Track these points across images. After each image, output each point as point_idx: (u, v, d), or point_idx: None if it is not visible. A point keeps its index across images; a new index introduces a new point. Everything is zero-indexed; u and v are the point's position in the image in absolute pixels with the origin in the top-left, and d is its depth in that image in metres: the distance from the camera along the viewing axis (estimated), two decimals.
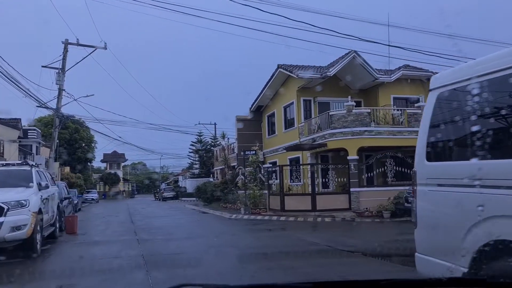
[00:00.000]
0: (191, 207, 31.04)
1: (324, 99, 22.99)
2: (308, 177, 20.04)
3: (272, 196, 20.40)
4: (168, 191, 50.26)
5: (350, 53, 21.09)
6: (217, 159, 30.29)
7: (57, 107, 32.23)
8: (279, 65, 23.27)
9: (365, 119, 18.92)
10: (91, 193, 51.06)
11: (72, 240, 12.20)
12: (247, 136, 27.85)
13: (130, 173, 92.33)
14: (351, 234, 13.04)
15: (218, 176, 33.59)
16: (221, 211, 23.37)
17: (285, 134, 24.51)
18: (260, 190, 21.16)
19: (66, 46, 32.61)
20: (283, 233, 13.24)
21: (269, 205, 20.56)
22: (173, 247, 9.89)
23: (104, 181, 66.90)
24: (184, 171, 59.89)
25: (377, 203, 17.94)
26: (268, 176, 20.79)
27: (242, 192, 23.67)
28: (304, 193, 19.46)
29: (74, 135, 54.14)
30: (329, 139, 19.44)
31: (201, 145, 48.39)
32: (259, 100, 27.16)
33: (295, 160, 23.31)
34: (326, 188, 20.41)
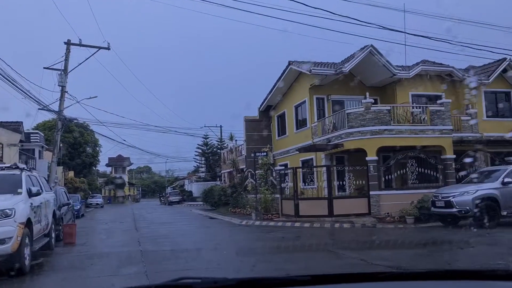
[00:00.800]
0: (198, 212, 29.75)
1: (338, 97, 21.65)
2: (323, 180, 18.70)
3: (285, 200, 19.07)
4: (174, 195, 49.00)
5: (366, 47, 19.76)
6: (225, 161, 29.01)
7: (60, 109, 31.09)
8: (290, 61, 21.98)
9: (385, 117, 17.56)
10: (95, 197, 49.88)
11: (69, 252, 10.93)
12: (256, 138, 26.57)
13: (136, 177, 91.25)
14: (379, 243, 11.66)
15: (226, 180, 32.28)
16: (230, 216, 22.06)
17: (297, 134, 23.18)
18: (271, 194, 19.84)
19: (68, 47, 31.49)
20: (304, 244, 11.89)
21: (282, 210, 19.22)
22: (182, 261, 8.58)
23: (109, 186, 65.75)
24: (190, 174, 58.64)
25: (399, 208, 16.56)
26: (280, 179, 19.47)
27: (252, 196, 22.35)
28: (320, 197, 18.10)
29: (79, 139, 53.01)
30: (345, 139, 18.09)
31: (207, 148, 47.13)
32: (269, 100, 25.85)
33: (308, 162, 21.96)
34: (342, 192, 19.06)
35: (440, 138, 17.75)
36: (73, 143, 51.87)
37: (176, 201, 47.54)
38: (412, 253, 9.89)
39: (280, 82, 23.52)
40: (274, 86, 24.40)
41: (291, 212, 18.22)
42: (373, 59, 19.93)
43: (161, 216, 26.40)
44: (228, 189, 26.26)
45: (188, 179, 56.29)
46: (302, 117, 22.74)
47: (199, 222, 21.15)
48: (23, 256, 7.97)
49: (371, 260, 8.59)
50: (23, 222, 8.06)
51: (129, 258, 9.31)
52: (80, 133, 53.39)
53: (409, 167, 17.72)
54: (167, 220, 22.48)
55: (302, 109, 22.71)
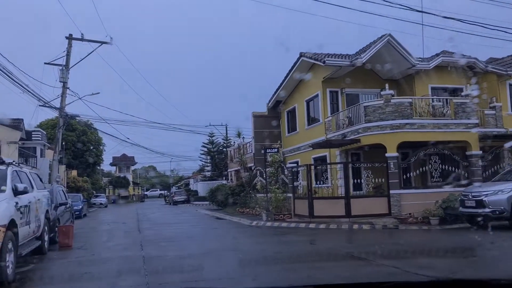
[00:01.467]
0: (204, 211, 28.56)
1: (353, 91, 20.39)
2: (338, 178, 17.46)
3: (298, 199, 17.83)
4: (179, 194, 47.83)
5: (383, 36, 18.49)
6: (232, 159, 27.80)
7: (61, 106, 30.03)
8: (302, 53, 20.73)
9: (406, 110, 16.28)
10: (99, 197, 48.91)
11: (63, 257, 9.75)
12: (264, 134, 25.32)
13: (140, 177, 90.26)
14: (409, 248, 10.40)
15: (233, 178, 31.07)
16: (239, 216, 20.85)
17: (308, 131, 21.92)
18: (283, 193, 18.59)
19: (70, 41, 30.45)
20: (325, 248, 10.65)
21: (294, 210, 17.98)
22: (189, 270, 7.36)
23: (114, 185, 64.74)
24: (195, 174, 57.49)
25: (421, 208, 15.28)
26: (292, 177, 18.22)
27: (262, 196, 21.13)
28: (336, 196, 16.85)
29: (82, 137, 52.00)
30: (363, 134, 16.83)
31: (213, 147, 45.95)
32: (278, 95, 24.61)
33: (320, 159, 20.70)
34: (358, 191, 17.79)
35: (465, 133, 16.44)
36: (76, 141, 50.88)
37: (181, 200, 46.39)
38: (451, 259, 8.64)
39: (291, 76, 22.27)
40: (284, 80, 23.15)
41: (304, 213, 16.98)
42: (390, 49, 18.66)
43: (166, 217, 25.23)
44: (235, 188, 25.06)
45: (193, 178, 55.13)
46: (314, 112, 21.49)
47: (206, 223, 19.95)
48: (4, 263, 6.79)
49: (407, 267, 7.34)
50: (4, 224, 6.88)
51: (129, 265, 8.12)
52: (83, 131, 52.39)
53: (431, 164, 16.44)
54: (172, 221, 21.30)
55: (314, 104, 21.46)
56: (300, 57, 20.86)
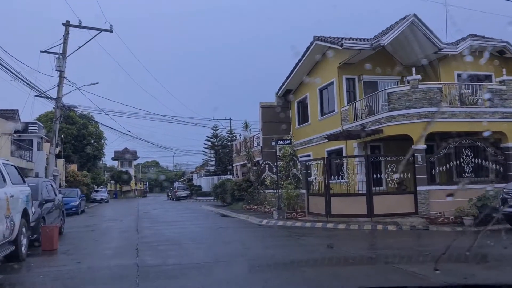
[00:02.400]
0: (208, 208, 26.93)
1: (371, 78, 18.63)
2: (357, 173, 15.75)
3: (313, 196, 16.13)
4: (182, 190, 46.26)
5: (407, 17, 16.71)
6: (238, 153, 26.08)
7: (58, 96, 28.39)
8: (316, 36, 18.97)
9: (435, 97, 14.53)
10: (100, 192, 47.36)
11: (41, 266, 8.11)
12: (273, 126, 23.62)
13: (143, 172, 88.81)
14: (452, 253, 8.70)
15: (239, 173, 29.40)
16: (246, 214, 19.19)
17: (322, 122, 20.19)
18: (295, 189, 16.90)
19: (67, 29, 28.76)
20: (350, 253, 8.96)
21: (308, 207, 16.29)
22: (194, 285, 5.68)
23: (115, 180, 63.26)
24: (198, 168, 55.85)
25: (452, 206, 13.54)
26: (306, 171, 16.51)
27: (271, 192, 19.46)
28: (356, 193, 15.15)
29: (82, 130, 50.45)
30: (386, 124, 15.10)
31: (217, 140, 44.26)
32: (288, 83, 22.87)
33: (335, 152, 18.98)
34: (378, 187, 16.06)
35: (501, 123, 14.68)
36: (76, 135, 49.33)
37: (184, 196, 44.84)
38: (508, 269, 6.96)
39: (303, 62, 20.53)
40: (295, 67, 21.41)
41: (320, 211, 15.29)
42: (415, 31, 16.89)
43: (167, 213, 23.61)
44: (242, 183, 23.39)
45: (197, 173, 53.50)
46: (329, 101, 19.74)
47: (211, 221, 18.30)
48: None
49: (460, 280, 5.64)
50: None
51: (118, 280, 6.46)
52: (83, 125, 50.83)
53: (464, 157, 14.68)
54: (174, 218, 19.66)
55: (328, 92, 19.70)
56: (313, 41, 19.11)
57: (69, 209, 23.37)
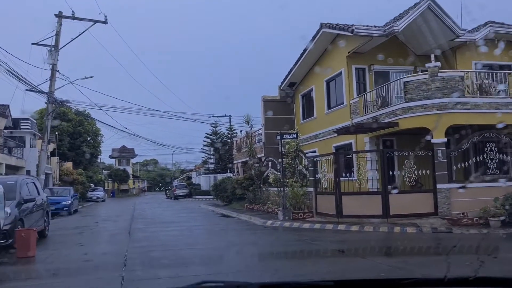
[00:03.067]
0: (207, 207, 25.64)
1: (382, 68, 17.32)
2: (369, 170, 14.44)
3: (321, 195, 14.83)
4: (181, 188, 44.91)
5: (423, 1, 15.39)
6: (240, 149, 24.73)
7: (50, 90, 27.08)
8: (323, 23, 17.64)
9: (457, 86, 13.22)
10: (96, 191, 46.08)
11: (6, 279, 6.78)
12: (276, 121, 22.32)
13: (141, 170, 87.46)
14: (487, 261, 7.42)
15: (239, 171, 28.09)
16: (248, 214, 17.89)
17: (329, 115, 18.89)
18: (301, 187, 15.60)
19: (60, 20, 27.43)
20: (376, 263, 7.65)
21: (316, 207, 14.99)
22: None
23: (113, 178, 61.91)
24: (197, 166, 54.48)
25: (476, 206, 12.28)
26: (314, 168, 15.19)
27: (275, 190, 18.16)
28: (371, 191, 13.86)
29: (78, 128, 49.07)
30: (401, 116, 13.80)
31: (217, 137, 42.91)
32: (292, 75, 21.54)
33: (344, 147, 17.67)
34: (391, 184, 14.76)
35: None
36: (72, 132, 47.95)
37: (182, 195, 43.51)
38: None
39: (309, 52, 19.20)
40: (300, 58, 20.08)
41: (330, 211, 14.00)
42: (431, 17, 15.57)
43: (165, 213, 22.29)
44: (243, 181, 22.08)
45: (196, 171, 52.15)
46: (337, 94, 18.42)
47: (211, 222, 16.99)
48: None
49: None
50: None
51: None
52: (80, 122, 49.46)
53: (487, 152, 13.39)
54: (171, 219, 18.36)
55: (336, 84, 18.38)
56: (321, 29, 17.78)
57: (61, 208, 22.08)
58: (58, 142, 47.26)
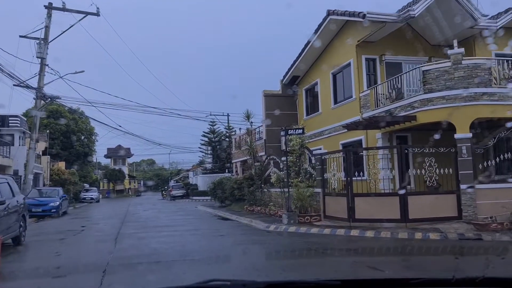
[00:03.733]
0: (205, 209, 24.19)
1: (394, 59, 15.96)
2: (381, 168, 13.03)
3: (330, 197, 13.41)
4: (177, 188, 43.44)
5: None
6: (239, 147, 23.25)
7: (39, 85, 25.62)
8: (330, 10, 16.23)
9: (483, 75, 11.83)
10: (90, 191, 44.59)
11: None
12: (278, 117, 20.90)
13: (138, 170, 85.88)
14: None
15: (238, 170, 26.66)
16: (249, 216, 16.47)
17: (335, 110, 17.49)
18: (307, 188, 14.17)
19: (49, 11, 25.97)
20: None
21: (325, 210, 13.57)
22: None
23: (108, 178, 60.35)
24: (194, 166, 53.02)
25: (505, 209, 10.91)
26: (322, 167, 13.76)
27: (277, 191, 16.75)
28: (387, 192, 12.46)
29: (72, 126, 47.53)
30: (420, 108, 12.40)
31: (215, 136, 41.45)
32: (296, 68, 20.14)
33: (352, 144, 16.26)
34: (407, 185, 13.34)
35: None
36: (65, 131, 46.40)
37: (179, 195, 42.05)
38: None
39: (314, 42, 17.77)
40: (304, 49, 18.67)
41: (340, 214, 12.59)
42: (449, 2, 14.21)
43: (159, 216, 20.82)
44: (243, 181, 20.64)
45: (193, 171, 50.67)
46: (344, 87, 17.02)
47: (209, 225, 15.55)
48: None
49: None
50: None
51: None
52: (73, 120, 47.92)
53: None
54: (165, 222, 16.91)
55: (344, 76, 16.98)
56: (327, 16, 16.36)
57: (48, 210, 20.60)
58: (50, 141, 45.84)
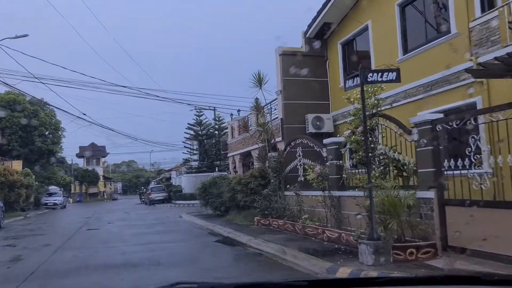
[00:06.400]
0: (192, 219, 17.00)
1: None
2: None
3: (464, 208, 6.36)
4: (157, 191, 35.94)
5: None
6: (246, 128, 15.56)
7: None
8: None
9: None
10: (54, 196, 36.77)
11: None
12: (300, 86, 13.94)
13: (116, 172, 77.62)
14: None
15: (237, 167, 19.45)
16: (268, 237, 9.42)
17: (407, 63, 10.48)
18: (394, 190, 7.09)
19: None
20: None
21: (446, 233, 6.55)
22: None
23: (80, 180, 52.32)
24: (178, 166, 45.42)
25: None
26: (436, 146, 6.73)
27: (315, 195, 9.71)
28: None
29: (33, 119, 39.53)
30: None
31: (202, 129, 34.13)
32: (327, 12, 13.17)
33: (452, 111, 9.28)
34: None
35: None
36: (24, 125, 38.36)
37: (159, 199, 34.61)
38: None
39: None
40: None
41: (498, 248, 5.60)
42: None
43: (124, 234, 13.42)
44: (251, 180, 13.47)
45: (176, 170, 43.15)
46: (428, 21, 10.09)
47: (199, 257, 8.41)
48: None
49: None
50: None
51: None
52: (34, 112, 40.00)
53: None
54: (130, 248, 9.72)
55: (426, 3, 10.05)
56: None
57: None
58: (7, 137, 37.87)
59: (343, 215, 9.14)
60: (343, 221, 9.06)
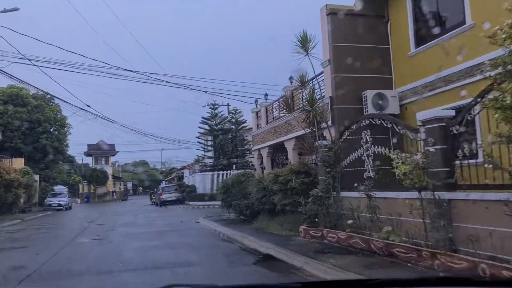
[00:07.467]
0: (211, 225, 13.76)
1: None
2: None
3: None
4: (169, 192, 32.79)
5: None
6: (289, 108, 12.12)
7: None
8: None
9: None
10: (58, 196, 33.84)
11: None
12: (352, 55, 10.60)
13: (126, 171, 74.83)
14: None
15: (265, 162, 16.17)
16: (334, 259, 6.12)
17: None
18: None
19: None
20: None
21: None
22: None
23: (88, 180, 49.51)
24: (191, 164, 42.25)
25: None
26: None
27: (412, 198, 6.36)
28: None
29: (36, 115, 36.80)
30: None
31: (218, 123, 30.93)
32: None
33: None
34: None
35: None
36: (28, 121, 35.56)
37: (171, 200, 31.50)
38: None
39: None
40: None
41: None
42: None
43: (127, 246, 10.23)
44: (291, 177, 10.17)
45: (189, 169, 39.99)
46: None
47: None
48: None
49: None
50: None
51: None
52: (38, 107, 37.22)
53: None
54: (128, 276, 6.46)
55: None
56: None
57: None
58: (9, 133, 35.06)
59: (456, 229, 5.81)
60: (457, 239, 5.74)
